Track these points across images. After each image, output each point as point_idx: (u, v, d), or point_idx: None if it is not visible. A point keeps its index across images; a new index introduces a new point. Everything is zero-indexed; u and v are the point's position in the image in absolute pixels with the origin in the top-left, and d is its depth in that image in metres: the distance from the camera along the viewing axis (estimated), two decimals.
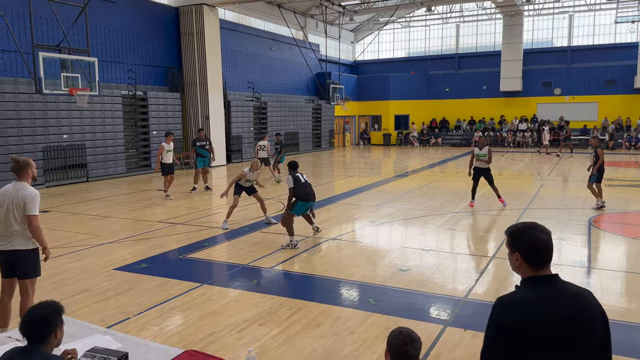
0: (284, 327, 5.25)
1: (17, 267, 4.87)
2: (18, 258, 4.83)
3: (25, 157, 5.03)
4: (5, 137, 14.76)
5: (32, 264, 4.90)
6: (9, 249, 4.81)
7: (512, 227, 2.31)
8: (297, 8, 29.60)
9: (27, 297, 4.89)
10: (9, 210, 4.78)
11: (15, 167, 4.89)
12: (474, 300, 6.03)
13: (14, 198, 4.78)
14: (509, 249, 2.30)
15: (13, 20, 14.90)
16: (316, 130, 31.18)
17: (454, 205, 12.29)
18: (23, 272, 4.88)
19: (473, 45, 35.99)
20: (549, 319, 2.08)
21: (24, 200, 4.77)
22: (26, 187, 4.87)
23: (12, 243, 4.80)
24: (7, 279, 4.95)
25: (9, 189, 4.87)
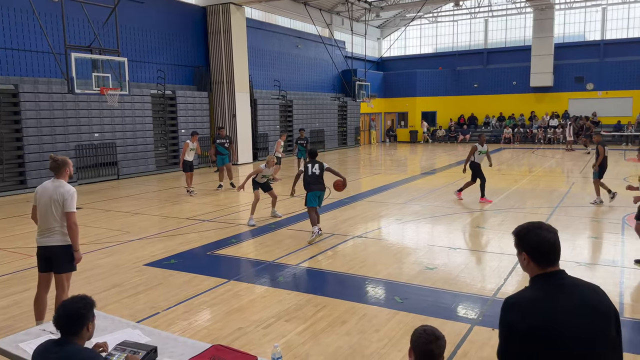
0: (309, 323, 5.27)
1: (55, 262, 4.99)
2: (56, 253, 4.95)
3: (63, 156, 5.15)
4: (39, 136, 15.19)
5: (68, 259, 5.02)
6: (47, 245, 4.94)
7: (518, 228, 2.34)
8: (323, 5, 29.58)
9: (63, 291, 5.02)
10: (48, 207, 4.90)
11: (54, 166, 5.01)
12: (503, 299, 5.93)
13: (52, 195, 4.90)
14: (516, 249, 2.34)
15: (46, 22, 15.32)
16: (342, 128, 31.13)
17: (481, 203, 12.10)
18: (60, 267, 5.00)
19: (502, 40, 35.34)
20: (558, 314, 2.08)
21: (62, 197, 4.89)
22: (64, 184, 4.98)
23: (51, 239, 4.93)
24: (44, 273, 5.08)
25: (48, 186, 4.99)
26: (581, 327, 2.07)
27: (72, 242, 4.99)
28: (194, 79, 21.91)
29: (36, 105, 15.09)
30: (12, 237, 9.41)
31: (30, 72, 15.76)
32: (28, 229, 9.89)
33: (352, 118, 31.96)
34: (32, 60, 15.79)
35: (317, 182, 8.93)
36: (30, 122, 14.98)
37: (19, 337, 3.79)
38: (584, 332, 2.07)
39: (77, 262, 5.10)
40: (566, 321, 2.07)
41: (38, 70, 15.97)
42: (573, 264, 7.03)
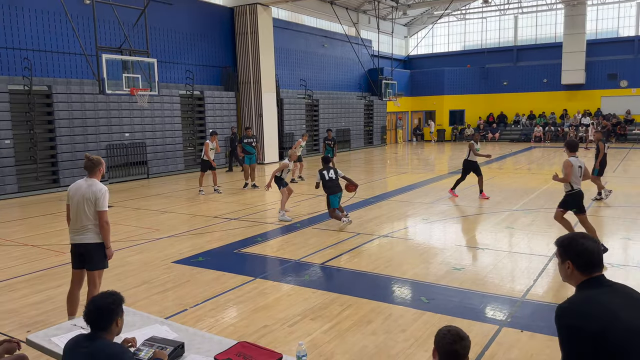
0: (335, 322, 5.26)
1: (88, 259, 5.10)
2: (89, 250, 5.06)
3: (97, 156, 5.26)
4: (71, 136, 15.58)
5: (101, 257, 5.12)
6: (80, 242, 5.05)
7: (561, 238, 2.44)
8: (350, 4, 29.50)
9: (95, 287, 5.13)
10: (80, 205, 5.00)
11: (89, 165, 5.11)
12: (532, 301, 5.82)
13: (85, 193, 5.00)
14: (559, 258, 2.42)
15: (78, 24, 15.69)
16: (368, 127, 31.00)
17: (511, 202, 11.90)
18: (93, 264, 5.11)
19: (532, 37, 34.63)
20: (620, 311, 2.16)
21: (95, 195, 4.98)
22: (97, 183, 5.08)
23: (84, 236, 5.03)
24: (77, 270, 5.20)
25: (81, 185, 5.09)
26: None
27: (104, 240, 5.09)
28: (221, 79, 22.14)
29: (69, 106, 15.48)
30: (46, 234, 9.68)
31: (63, 74, 16.18)
32: (61, 226, 10.16)
33: (379, 117, 31.80)
34: (64, 62, 16.21)
35: (336, 185, 9.84)
36: (63, 123, 15.38)
37: (51, 331, 3.89)
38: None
39: (108, 259, 5.20)
40: (629, 316, 2.16)
41: (70, 72, 16.38)
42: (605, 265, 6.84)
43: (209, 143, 14.01)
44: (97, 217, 5.02)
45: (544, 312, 5.55)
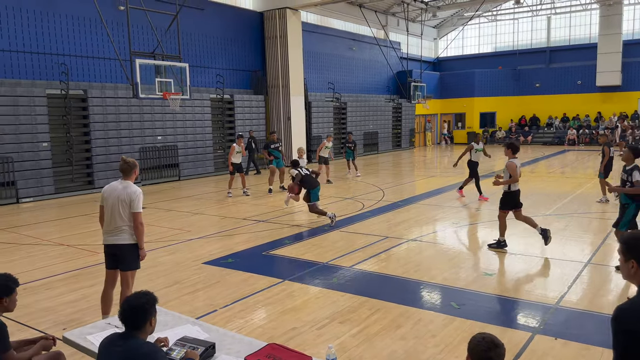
0: (363, 326, 5.24)
1: (121, 259, 5.20)
2: (123, 251, 5.16)
3: (133, 159, 5.37)
4: (106, 139, 15.99)
5: (134, 258, 5.22)
6: (114, 243, 5.15)
7: (627, 235, 2.36)
8: (379, 7, 29.43)
9: (128, 287, 5.23)
10: (115, 207, 5.11)
11: (125, 167, 5.22)
12: (566, 308, 5.68)
13: (120, 195, 5.10)
14: (623, 256, 2.34)
15: (113, 30, 16.10)
16: (396, 130, 30.83)
17: (544, 207, 11.65)
18: (127, 264, 5.21)
19: (566, 38, 33.87)
20: None
21: (130, 197, 5.08)
22: (131, 185, 5.19)
23: (118, 237, 5.13)
24: (111, 270, 5.31)
25: (116, 187, 5.19)
26: None
27: (138, 241, 5.18)
28: (250, 82, 22.38)
29: (103, 110, 15.89)
30: (81, 234, 9.95)
31: (97, 78, 16.62)
32: (95, 227, 10.42)
33: (407, 120, 31.59)
34: (99, 67, 16.65)
35: (315, 180, 10.52)
36: (98, 126, 15.80)
37: (86, 329, 3.99)
38: None
39: (141, 260, 5.30)
40: None
41: (105, 76, 16.81)
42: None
43: (235, 146, 14.16)
44: (132, 219, 5.11)
45: (579, 319, 5.41)
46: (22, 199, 14.07)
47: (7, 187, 13.82)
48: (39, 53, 14.99)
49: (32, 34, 14.81)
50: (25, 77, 14.77)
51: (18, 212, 12.92)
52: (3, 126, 13.67)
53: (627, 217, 6.74)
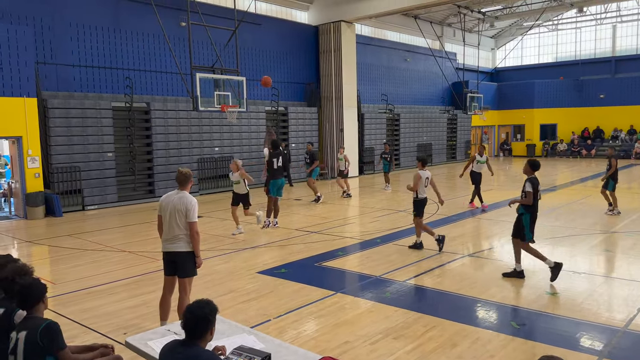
0: (418, 343, 5.14)
1: (180, 266, 5.36)
2: (181, 258, 5.33)
3: (188, 169, 5.54)
4: (167, 150, 16.60)
5: (191, 265, 5.38)
6: (173, 250, 5.33)
7: None
8: (434, 18, 29.13)
9: (185, 294, 5.39)
10: (172, 216, 5.29)
11: (182, 178, 5.40)
12: (635, 332, 5.35)
13: (176, 205, 5.28)
14: None
15: (175, 45, 16.77)
16: (451, 142, 30.26)
17: (610, 224, 11.06)
18: (184, 271, 5.37)
19: (632, 47, 32.23)
20: None
21: (185, 207, 5.25)
22: (187, 195, 5.36)
23: (177, 245, 5.30)
24: (169, 277, 5.49)
25: (173, 197, 5.38)
26: None
27: (194, 249, 5.32)
28: (304, 95, 22.64)
29: (165, 122, 16.53)
30: (142, 241, 10.33)
31: (160, 92, 17.32)
32: (155, 234, 10.80)
33: (463, 131, 30.96)
34: (161, 81, 17.35)
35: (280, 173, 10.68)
36: (160, 137, 16.43)
37: (147, 335, 4.13)
38: None
39: (198, 267, 5.44)
40: None
41: (167, 90, 17.50)
42: None
43: None
44: (188, 227, 5.26)
45: None
46: (87, 206, 14.80)
47: (74, 194, 14.59)
48: (105, 68, 15.81)
49: (100, 50, 15.65)
50: (93, 90, 15.61)
51: (83, 219, 13.60)
52: (72, 137, 14.48)
53: (526, 226, 7.26)
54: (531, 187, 7.16)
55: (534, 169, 7.36)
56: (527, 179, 7.27)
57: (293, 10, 22.53)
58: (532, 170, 7.36)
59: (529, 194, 7.16)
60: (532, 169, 7.36)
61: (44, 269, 8.40)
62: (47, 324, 3.39)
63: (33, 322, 3.42)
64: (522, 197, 7.28)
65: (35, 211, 13.44)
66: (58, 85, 14.84)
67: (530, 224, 7.28)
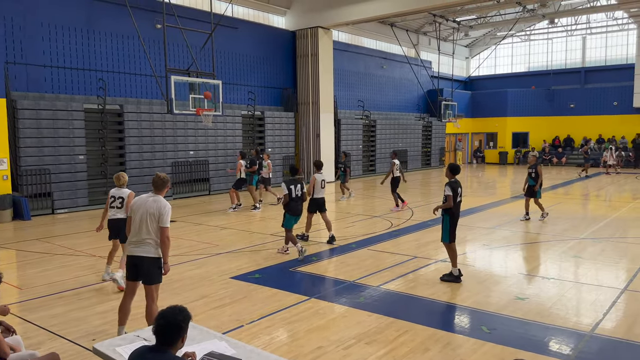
0: (390, 348, 5.16)
1: (144, 272, 5.21)
2: (147, 264, 5.19)
3: (166, 174, 5.45)
4: (140, 153, 16.36)
5: (157, 271, 5.24)
6: (139, 255, 5.19)
7: None
8: (410, 26, 29.51)
9: (153, 301, 5.24)
10: (144, 219, 5.17)
11: (159, 182, 5.30)
12: (601, 336, 5.48)
13: (150, 208, 5.16)
14: None
15: (150, 47, 16.58)
16: (426, 148, 30.63)
17: (579, 230, 11.33)
18: (150, 278, 5.22)
19: (601, 58, 33.22)
20: None
21: (159, 211, 5.14)
22: (161, 199, 5.26)
23: (143, 250, 5.16)
24: (132, 282, 5.34)
25: (146, 200, 5.26)
26: None
27: (163, 255, 5.20)
28: (281, 100, 22.63)
29: (138, 125, 16.30)
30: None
31: (133, 94, 17.08)
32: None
33: (437, 138, 31.36)
34: (135, 83, 17.12)
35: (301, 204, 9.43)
36: (133, 140, 16.19)
37: (115, 341, 4.04)
38: None
39: (165, 274, 5.30)
40: None
41: (141, 92, 17.27)
42: None
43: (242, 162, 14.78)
44: (159, 233, 5.14)
45: (614, 348, 5.21)
46: (57, 210, 14.46)
47: (43, 197, 14.24)
48: (78, 69, 15.52)
49: (72, 51, 15.36)
50: (65, 91, 15.29)
51: (53, 222, 13.29)
52: (42, 139, 14.15)
53: (446, 228, 7.59)
54: (450, 191, 7.43)
55: (453, 173, 7.67)
56: (447, 183, 7.55)
57: (270, 15, 22.54)
58: (452, 174, 7.66)
59: (448, 197, 7.45)
60: (452, 173, 7.68)
61: (11, 274, 8.17)
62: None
63: None
64: (443, 202, 7.55)
65: (2, 214, 13.08)
66: (28, 85, 14.51)
67: (450, 226, 7.58)
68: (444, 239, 7.67)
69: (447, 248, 7.71)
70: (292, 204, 9.11)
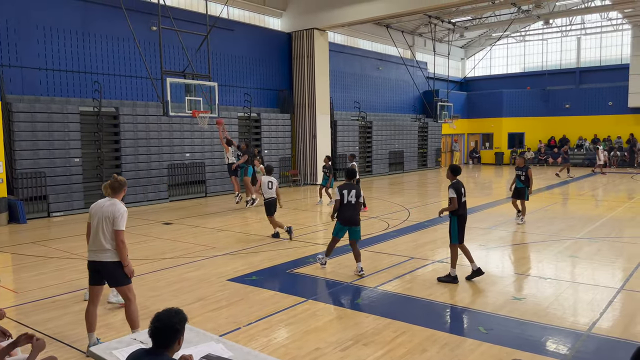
0: (388, 349, 5.16)
1: (108, 277, 5.15)
2: (108, 269, 5.11)
3: (124, 178, 5.35)
4: (136, 155, 16.32)
5: (121, 273, 5.14)
6: (98, 260, 5.10)
7: None
8: (406, 27, 29.56)
9: (130, 302, 5.18)
10: (100, 224, 5.08)
11: (116, 185, 5.22)
12: (598, 335, 5.49)
13: (105, 212, 5.07)
14: None
15: (145, 49, 16.55)
16: (422, 149, 30.67)
17: (575, 230, 11.36)
18: (116, 281, 5.16)
19: (596, 59, 33.36)
20: None
21: (113, 215, 5.03)
22: (117, 203, 5.15)
23: (102, 255, 5.08)
24: (94, 287, 5.24)
25: (103, 204, 5.17)
26: None
27: (121, 258, 5.09)
28: (277, 101, 22.63)
29: (134, 127, 16.26)
30: None
31: (129, 96, 17.05)
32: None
33: (433, 139, 31.42)
34: (131, 85, 17.08)
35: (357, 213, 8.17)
36: (128, 142, 16.15)
37: (112, 344, 4.02)
38: None
39: (130, 276, 5.19)
40: None
41: (137, 94, 17.23)
42: None
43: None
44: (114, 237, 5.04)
45: (611, 348, 5.22)
46: (52, 213, 14.41)
47: (39, 200, 14.19)
48: (73, 71, 15.48)
49: (68, 53, 15.32)
50: (60, 94, 15.25)
51: (48, 225, 13.23)
52: (37, 142, 14.10)
53: (454, 229, 7.61)
54: (454, 192, 7.46)
55: (455, 174, 7.69)
56: (450, 185, 7.55)
57: (266, 17, 22.54)
58: (454, 175, 7.68)
59: (453, 199, 7.47)
60: (454, 174, 7.69)
61: (7, 278, 8.12)
62: None
63: None
64: (449, 204, 7.57)
65: None
66: (23, 88, 14.45)
67: (458, 227, 7.59)
68: (453, 241, 7.64)
69: (453, 249, 7.66)
70: (342, 211, 7.99)
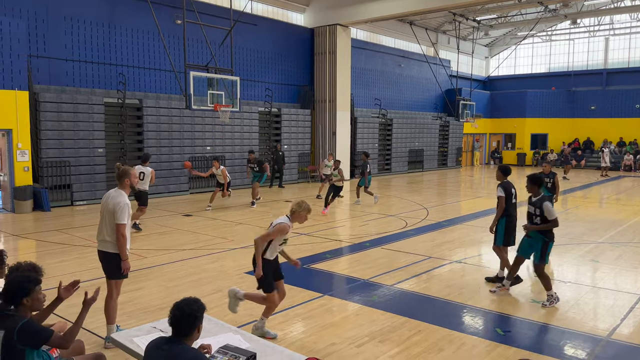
0: (403, 347, 5.16)
1: (105, 267, 5.22)
2: (107, 259, 5.16)
3: (126, 166, 5.29)
4: (158, 147, 16.52)
5: (116, 267, 5.12)
6: (101, 250, 5.18)
7: None
8: (429, 24, 29.31)
9: (111, 297, 5.17)
10: (103, 215, 5.13)
11: (116, 175, 5.22)
12: (618, 341, 5.41)
13: (109, 204, 5.08)
14: None
15: (169, 42, 16.73)
16: (442, 148, 30.43)
17: (597, 234, 11.18)
18: (110, 273, 5.19)
19: (624, 60, 32.65)
20: None
21: (114, 207, 5.00)
22: (120, 195, 5.09)
23: (104, 245, 5.14)
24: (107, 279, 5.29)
25: (109, 195, 5.18)
26: None
27: (119, 252, 5.05)
28: (298, 97, 22.67)
29: (157, 119, 16.47)
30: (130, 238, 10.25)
31: (153, 89, 17.26)
32: (144, 231, 10.77)
33: (454, 138, 31.14)
34: (155, 78, 17.29)
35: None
36: (151, 134, 16.36)
37: (132, 332, 4.12)
38: None
39: (125, 271, 5.19)
40: None
41: (160, 87, 17.44)
42: None
43: None
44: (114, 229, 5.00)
45: (631, 354, 5.15)
46: (76, 202, 14.69)
47: (63, 189, 14.49)
48: (99, 63, 15.73)
49: (94, 45, 15.57)
50: (85, 85, 15.51)
51: (72, 214, 13.50)
52: (63, 131, 14.38)
53: (500, 230, 7.37)
54: (503, 192, 7.33)
55: (505, 174, 7.58)
56: (499, 184, 7.48)
57: (289, 12, 22.57)
58: (504, 176, 7.57)
59: (500, 198, 7.33)
60: (504, 174, 7.58)
61: None
62: (21, 325, 3.20)
63: (11, 321, 3.24)
64: (497, 205, 7.42)
65: (23, 205, 13.33)
66: (50, 79, 14.74)
67: (505, 229, 7.38)
68: (497, 242, 7.43)
69: (497, 252, 7.49)
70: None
